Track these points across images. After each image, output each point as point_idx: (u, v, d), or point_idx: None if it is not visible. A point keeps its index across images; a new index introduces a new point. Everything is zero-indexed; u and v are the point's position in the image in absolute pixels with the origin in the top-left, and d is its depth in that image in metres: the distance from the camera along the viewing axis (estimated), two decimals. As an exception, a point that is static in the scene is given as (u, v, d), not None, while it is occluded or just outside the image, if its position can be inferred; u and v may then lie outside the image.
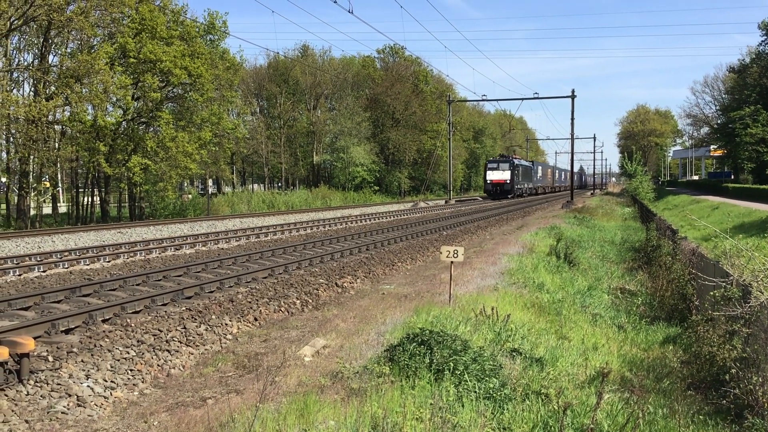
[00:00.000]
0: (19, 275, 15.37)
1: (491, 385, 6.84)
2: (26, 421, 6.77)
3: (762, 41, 71.10)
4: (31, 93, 38.44)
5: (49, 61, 38.73)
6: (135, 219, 43.31)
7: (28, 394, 7.35)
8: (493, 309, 10.02)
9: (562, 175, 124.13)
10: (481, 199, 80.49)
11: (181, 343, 9.82)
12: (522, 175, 76.96)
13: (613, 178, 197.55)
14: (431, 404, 6.08)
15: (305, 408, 6.19)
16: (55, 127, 39.59)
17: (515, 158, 76.56)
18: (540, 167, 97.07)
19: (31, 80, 38.68)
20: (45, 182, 41.83)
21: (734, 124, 70.59)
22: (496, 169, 71.83)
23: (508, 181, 70.74)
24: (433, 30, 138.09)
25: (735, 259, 10.72)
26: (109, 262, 17.47)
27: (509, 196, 70.81)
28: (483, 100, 66.23)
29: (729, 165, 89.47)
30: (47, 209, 45.48)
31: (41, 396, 7.36)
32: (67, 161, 41.57)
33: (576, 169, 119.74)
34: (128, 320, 10.50)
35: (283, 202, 54.87)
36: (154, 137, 40.64)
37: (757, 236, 26.10)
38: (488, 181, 72.45)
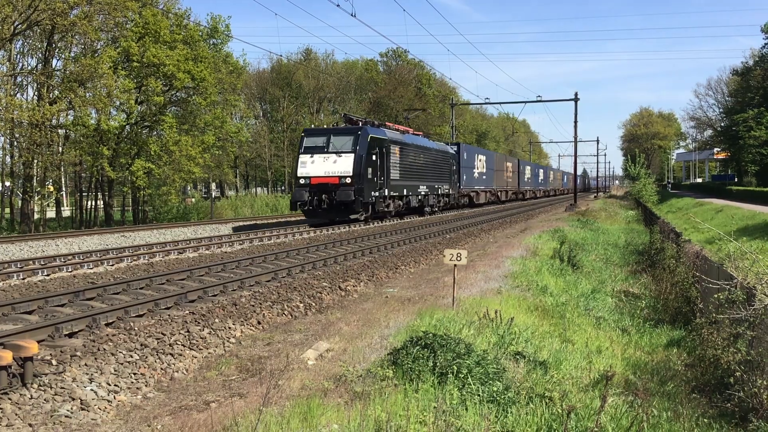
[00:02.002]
0: (23, 279, 15.39)
1: (495, 389, 6.83)
2: (30, 425, 6.77)
3: (765, 44, 71.21)
4: (35, 97, 38.56)
5: (53, 66, 38.90)
6: (138, 223, 43.41)
7: (31, 398, 7.35)
8: (496, 312, 10.01)
9: (540, 175, 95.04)
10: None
11: (184, 346, 9.82)
12: (406, 169, 37.58)
13: (617, 181, 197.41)
14: (435, 407, 6.07)
15: (309, 411, 6.18)
16: (59, 131, 39.72)
17: (385, 127, 37.19)
18: (484, 157, 59.24)
19: (35, 84, 38.83)
20: (49, 186, 41.96)
21: (738, 127, 70.50)
22: (323, 150, 32.22)
23: (349, 179, 31.33)
24: (436, 33, 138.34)
25: (739, 261, 10.72)
26: (112, 265, 17.49)
27: (354, 216, 32.27)
28: (486, 104, 66.28)
29: (733, 168, 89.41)
30: (51, 213, 45.59)
31: (45, 400, 7.36)
32: (71, 165, 41.76)
33: (579, 171, 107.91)
34: (132, 324, 10.50)
35: (286, 206, 54.93)
36: (158, 141, 40.77)
37: (761, 239, 26.06)
38: (301, 180, 32.16)
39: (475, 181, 55.69)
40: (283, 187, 79.08)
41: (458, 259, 11.43)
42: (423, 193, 40.65)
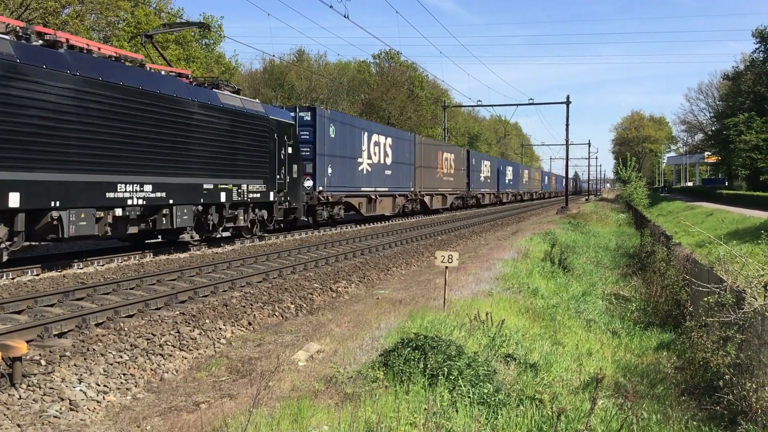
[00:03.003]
0: (12, 279, 15.30)
1: (485, 391, 6.83)
2: (18, 426, 6.73)
3: (756, 48, 71.49)
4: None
5: (44, 64, 38.70)
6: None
7: (20, 398, 7.31)
8: (487, 314, 10.01)
9: (509, 173, 73.67)
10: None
11: (174, 347, 9.79)
12: (44, 137, 14.25)
13: (608, 184, 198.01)
14: (425, 409, 6.07)
15: (299, 413, 6.17)
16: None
17: None
18: (386, 140, 37.28)
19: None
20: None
21: (728, 131, 70.91)
22: None
23: None
24: (429, 35, 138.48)
25: (729, 265, 10.75)
26: (102, 265, 17.40)
27: None
28: (478, 106, 66.21)
29: (723, 171, 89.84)
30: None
31: (33, 400, 7.32)
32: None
33: (570, 174, 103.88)
34: (122, 324, 10.46)
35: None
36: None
37: (751, 243, 26.17)
38: None
39: (362, 178, 33.57)
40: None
41: (449, 261, 11.44)
42: (140, 202, 17.43)
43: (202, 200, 19.90)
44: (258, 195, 22.89)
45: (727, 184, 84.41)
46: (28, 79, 13.95)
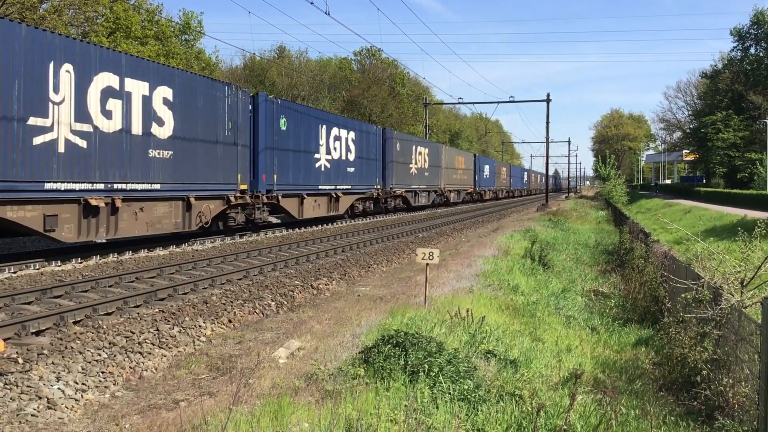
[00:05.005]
0: (-11, 276, 15.13)
1: (466, 387, 6.85)
2: (-6, 425, 6.66)
3: (734, 47, 72.42)
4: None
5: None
6: (108, 220, 42.70)
7: (-4, 397, 7.23)
8: (468, 311, 10.04)
9: (342, 146, 32.45)
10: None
11: (153, 345, 9.73)
12: None
13: (588, 182, 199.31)
14: (406, 406, 6.08)
15: (279, 410, 6.15)
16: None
17: None
18: None
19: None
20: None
21: (706, 129, 71.65)
22: None
23: None
24: (410, 33, 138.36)
25: (706, 261, 10.86)
26: (80, 263, 17.26)
27: None
28: (459, 103, 66.21)
29: (701, 169, 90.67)
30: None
31: (11, 398, 7.24)
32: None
33: (551, 172, 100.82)
34: (100, 322, 10.38)
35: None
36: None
37: (728, 239, 26.44)
38: None
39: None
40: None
41: (430, 258, 11.45)
42: None
43: None
44: None
45: (705, 181, 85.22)
46: None
